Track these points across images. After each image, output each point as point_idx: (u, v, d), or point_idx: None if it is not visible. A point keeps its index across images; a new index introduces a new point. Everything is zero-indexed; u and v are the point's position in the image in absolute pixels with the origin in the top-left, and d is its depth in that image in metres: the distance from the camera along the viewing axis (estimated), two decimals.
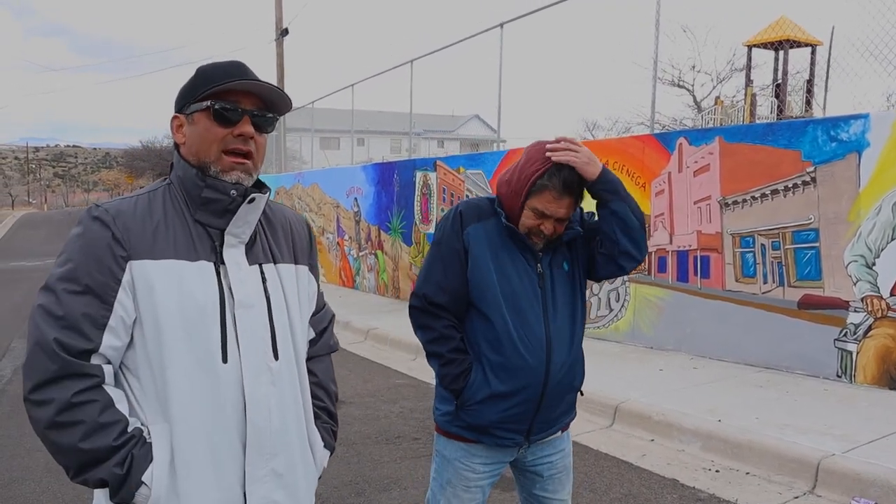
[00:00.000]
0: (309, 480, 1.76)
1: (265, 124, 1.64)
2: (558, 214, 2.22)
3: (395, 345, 8.59)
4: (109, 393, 1.50)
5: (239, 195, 1.59)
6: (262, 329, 1.61)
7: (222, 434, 1.54)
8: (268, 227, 1.73)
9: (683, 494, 4.21)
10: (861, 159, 5.81)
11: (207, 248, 1.58)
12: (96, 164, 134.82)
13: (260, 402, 1.58)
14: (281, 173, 18.54)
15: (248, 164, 1.60)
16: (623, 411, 5.49)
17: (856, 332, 5.89)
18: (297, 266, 1.77)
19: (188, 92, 1.62)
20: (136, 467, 1.47)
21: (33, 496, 4.19)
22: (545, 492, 2.49)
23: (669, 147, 7.36)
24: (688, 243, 7.22)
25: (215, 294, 1.55)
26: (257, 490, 1.59)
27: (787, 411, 5.21)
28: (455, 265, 2.30)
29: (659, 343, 7.54)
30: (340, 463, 4.72)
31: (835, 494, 4.08)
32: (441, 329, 2.32)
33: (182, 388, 1.50)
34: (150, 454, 1.49)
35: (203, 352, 1.52)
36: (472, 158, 10.59)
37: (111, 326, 1.49)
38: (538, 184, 2.19)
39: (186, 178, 1.60)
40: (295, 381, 1.70)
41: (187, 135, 1.61)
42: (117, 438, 1.46)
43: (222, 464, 1.54)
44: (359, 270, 13.62)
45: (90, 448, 1.45)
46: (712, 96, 22.62)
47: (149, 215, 1.57)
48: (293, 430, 1.67)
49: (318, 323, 1.92)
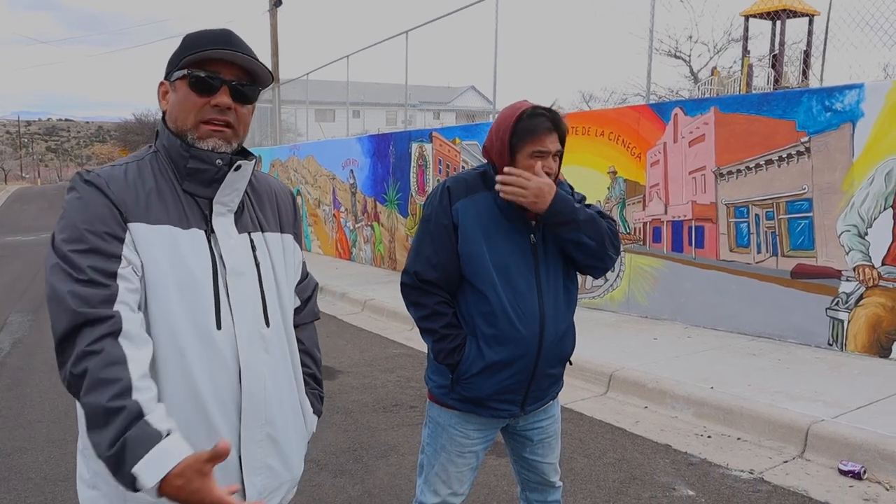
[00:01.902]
0: (300, 446, 1.78)
1: (246, 95, 1.61)
2: (553, 148, 2.23)
3: (391, 315, 8.65)
4: (124, 349, 1.38)
5: (225, 164, 1.58)
6: (253, 297, 1.62)
7: (215, 399, 1.53)
8: (254, 196, 1.73)
9: (676, 459, 4.29)
10: (855, 129, 5.83)
11: (198, 216, 1.58)
12: (89, 137, 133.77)
13: (254, 369, 1.58)
14: (276, 146, 18.47)
15: (226, 131, 1.59)
16: (618, 379, 5.57)
17: (847, 300, 5.96)
18: (283, 235, 1.77)
19: (174, 58, 1.60)
20: (127, 455, 1.29)
21: (35, 465, 4.26)
22: (535, 455, 2.54)
23: (665, 117, 7.37)
24: (682, 213, 7.26)
25: (208, 261, 1.56)
26: (253, 453, 1.60)
27: (778, 379, 5.29)
28: (444, 241, 2.30)
29: (654, 312, 7.61)
30: (338, 431, 4.80)
31: (823, 458, 4.16)
32: (433, 306, 2.33)
33: (174, 351, 1.50)
34: (152, 440, 1.30)
35: (197, 318, 1.52)
36: (468, 129, 10.57)
37: (121, 275, 1.45)
38: (518, 128, 2.21)
39: (171, 148, 1.59)
40: (285, 348, 1.71)
41: (170, 102, 1.60)
42: (112, 399, 1.32)
43: (216, 427, 1.54)
44: (355, 242, 13.65)
45: (88, 404, 1.34)
46: (709, 67, 22.53)
47: (140, 182, 1.56)
48: (286, 397, 1.69)
49: (303, 291, 1.92)
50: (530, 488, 2.64)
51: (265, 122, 20.50)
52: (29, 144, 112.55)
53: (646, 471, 4.13)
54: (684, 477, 4.04)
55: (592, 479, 4.01)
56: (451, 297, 2.37)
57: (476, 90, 46.73)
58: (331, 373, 6.28)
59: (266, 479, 1.65)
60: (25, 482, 4.03)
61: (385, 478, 4.05)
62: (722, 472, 4.08)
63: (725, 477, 4.02)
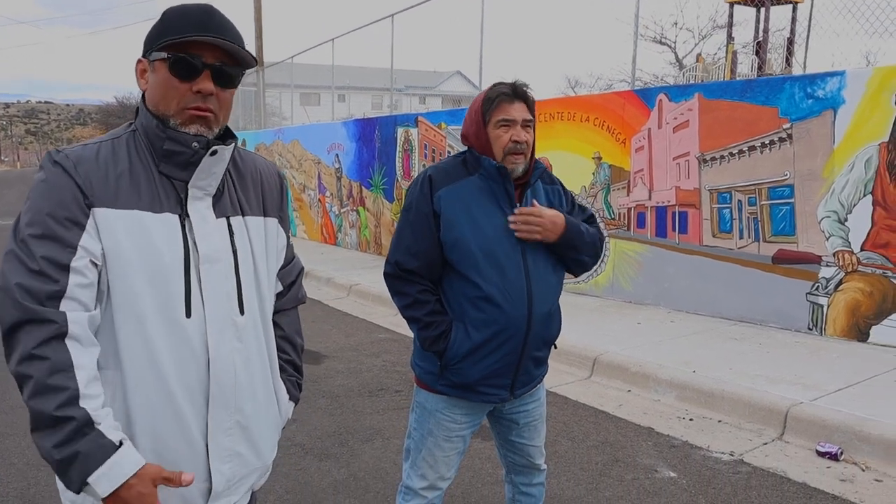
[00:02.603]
0: (273, 433, 1.76)
1: (228, 78, 1.55)
2: (519, 116, 2.28)
3: (377, 300, 8.66)
4: (71, 355, 1.38)
5: (201, 147, 1.52)
6: (228, 284, 1.58)
7: (183, 387, 1.51)
8: (237, 178, 1.68)
9: (658, 441, 4.35)
10: (836, 116, 5.89)
11: (173, 200, 1.54)
12: (70, 120, 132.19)
13: (225, 359, 1.56)
14: (261, 129, 18.35)
15: (209, 116, 1.54)
16: (601, 363, 5.62)
17: (827, 286, 6.04)
18: (266, 219, 1.72)
19: (152, 36, 1.54)
20: (78, 465, 1.34)
21: (18, 451, 4.25)
22: (521, 438, 2.57)
23: (650, 103, 7.39)
24: (666, 199, 7.31)
25: (179, 247, 1.51)
26: (221, 441, 1.58)
27: (759, 363, 5.36)
28: (425, 229, 2.31)
29: (637, 297, 7.67)
30: (324, 415, 4.82)
31: (802, 440, 4.24)
32: (415, 294, 2.34)
33: (140, 339, 1.47)
34: (108, 451, 1.36)
35: (165, 305, 1.49)
36: (453, 114, 10.55)
37: (75, 268, 1.41)
38: (486, 101, 2.30)
39: (149, 128, 1.54)
40: (260, 335, 1.67)
41: (150, 82, 1.55)
42: (59, 408, 1.33)
43: (183, 415, 1.52)
44: (341, 227, 13.62)
45: (33, 408, 1.35)
46: (694, 54, 22.58)
47: (113, 163, 1.51)
48: (259, 384, 1.66)
49: (287, 276, 1.88)
50: (515, 471, 2.67)
51: (249, 105, 20.35)
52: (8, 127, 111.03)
53: (628, 453, 4.18)
54: (666, 459, 4.10)
55: (576, 462, 4.06)
56: (433, 285, 2.38)
57: (462, 75, 46.55)
58: (316, 357, 6.29)
59: (235, 467, 1.63)
60: (8, 467, 4.03)
61: (370, 461, 4.08)
62: (703, 454, 4.15)
63: (706, 459, 4.09)
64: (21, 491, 3.74)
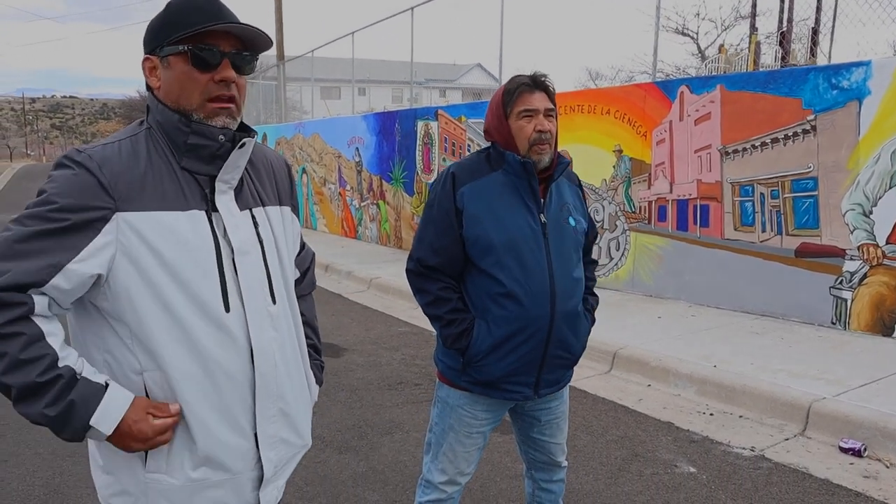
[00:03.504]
0: (308, 414, 1.81)
1: (245, 65, 1.56)
2: (541, 106, 2.27)
3: (396, 293, 8.69)
4: (39, 325, 1.39)
5: (227, 140, 1.53)
6: (259, 275, 1.60)
7: (230, 382, 1.54)
8: (252, 169, 1.69)
9: (678, 437, 4.33)
10: (861, 107, 5.80)
11: (197, 195, 1.53)
12: (94, 115, 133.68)
13: (266, 349, 1.59)
14: (281, 123, 18.43)
15: (232, 107, 1.55)
16: (621, 357, 5.60)
17: (851, 279, 5.96)
18: (282, 207, 1.75)
19: (160, 31, 1.52)
20: (77, 412, 1.39)
21: (44, 441, 4.31)
22: (543, 435, 2.57)
23: (671, 95, 7.33)
24: (688, 192, 7.25)
25: (210, 243, 1.52)
26: (268, 429, 1.62)
27: (781, 357, 5.31)
28: (447, 226, 2.31)
29: (658, 291, 7.62)
30: (343, 408, 4.85)
31: (824, 436, 4.20)
32: (437, 291, 2.34)
33: (184, 340, 1.48)
34: (99, 393, 1.41)
35: (203, 303, 1.49)
36: (473, 107, 10.53)
37: (68, 269, 1.39)
38: (506, 93, 2.30)
39: (168, 124, 1.53)
40: (290, 322, 1.71)
41: (163, 78, 1.54)
42: (42, 374, 1.36)
43: (232, 410, 1.55)
44: (361, 220, 13.66)
45: (12, 383, 1.35)
46: (716, 45, 22.32)
47: (136, 162, 1.49)
48: (293, 371, 1.70)
49: (302, 263, 1.92)
50: (536, 467, 2.67)
51: (270, 99, 20.44)
52: (34, 122, 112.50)
53: (648, 448, 4.17)
54: (686, 454, 4.08)
55: (595, 457, 4.05)
56: (455, 282, 2.37)
57: (482, 68, 46.44)
58: (336, 350, 6.33)
59: (281, 452, 1.68)
60: (34, 457, 4.10)
61: (389, 454, 4.10)
62: (723, 450, 4.12)
63: (727, 454, 4.06)
64: (46, 480, 3.81)
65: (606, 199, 8.11)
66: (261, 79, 21.34)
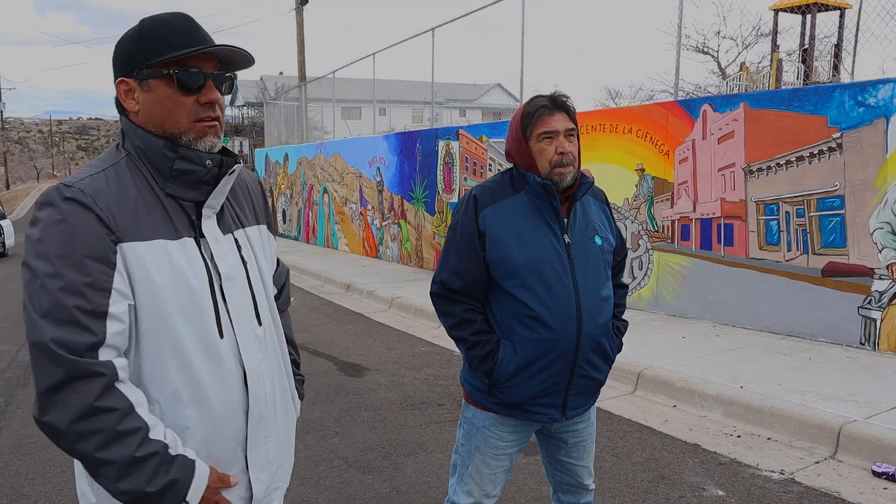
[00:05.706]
0: (292, 433, 1.81)
1: (225, 84, 1.55)
2: (561, 127, 2.26)
3: (418, 313, 8.68)
4: (128, 396, 1.38)
5: (214, 165, 1.51)
6: (246, 298, 1.60)
7: (225, 407, 1.54)
8: (230, 191, 1.67)
9: (705, 459, 4.26)
10: (889, 125, 5.74)
11: (185, 222, 1.51)
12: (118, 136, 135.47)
13: (256, 371, 1.58)
14: (303, 143, 18.60)
15: (217, 125, 1.53)
16: (646, 378, 5.54)
17: (880, 299, 5.87)
18: (259, 226, 1.75)
19: (136, 52, 1.48)
20: (178, 491, 1.42)
21: (69, 459, 4.32)
22: (570, 458, 2.54)
23: (693, 114, 7.30)
24: (711, 211, 7.19)
25: (203, 270, 1.50)
26: (258, 452, 1.62)
27: (809, 378, 5.22)
28: (470, 249, 2.30)
29: (682, 311, 7.55)
30: (366, 428, 4.83)
31: (856, 459, 4.11)
32: (461, 314, 2.33)
33: (183, 369, 1.47)
34: (191, 470, 1.44)
35: (200, 330, 1.49)
36: (494, 127, 10.56)
37: (112, 314, 1.37)
38: (524, 115, 2.29)
39: (150, 150, 1.49)
40: (275, 342, 1.71)
41: (142, 102, 1.49)
42: (140, 448, 1.37)
43: (225, 434, 1.55)
44: (382, 240, 13.70)
45: (109, 458, 1.35)
46: (737, 63, 22.24)
47: (124, 191, 1.46)
48: (279, 391, 1.70)
49: (278, 279, 1.91)
50: (563, 490, 2.63)
51: (292, 119, 20.65)
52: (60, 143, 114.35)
53: (675, 470, 4.11)
54: (714, 477, 4.01)
55: (621, 479, 4.00)
56: (479, 304, 2.36)
57: (502, 87, 46.66)
58: (359, 370, 6.32)
59: (272, 473, 1.68)
60: (60, 475, 4.12)
61: (413, 475, 4.08)
62: (752, 473, 4.05)
63: (756, 477, 3.99)
64: (72, 499, 3.82)
65: (629, 219, 8.07)
66: (283, 100, 21.55)
